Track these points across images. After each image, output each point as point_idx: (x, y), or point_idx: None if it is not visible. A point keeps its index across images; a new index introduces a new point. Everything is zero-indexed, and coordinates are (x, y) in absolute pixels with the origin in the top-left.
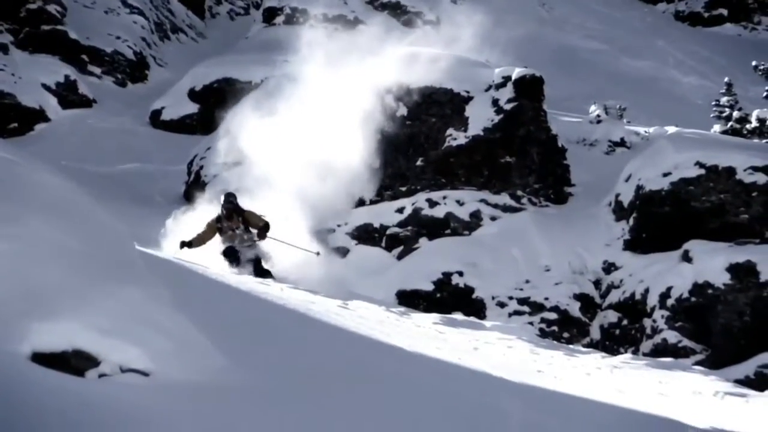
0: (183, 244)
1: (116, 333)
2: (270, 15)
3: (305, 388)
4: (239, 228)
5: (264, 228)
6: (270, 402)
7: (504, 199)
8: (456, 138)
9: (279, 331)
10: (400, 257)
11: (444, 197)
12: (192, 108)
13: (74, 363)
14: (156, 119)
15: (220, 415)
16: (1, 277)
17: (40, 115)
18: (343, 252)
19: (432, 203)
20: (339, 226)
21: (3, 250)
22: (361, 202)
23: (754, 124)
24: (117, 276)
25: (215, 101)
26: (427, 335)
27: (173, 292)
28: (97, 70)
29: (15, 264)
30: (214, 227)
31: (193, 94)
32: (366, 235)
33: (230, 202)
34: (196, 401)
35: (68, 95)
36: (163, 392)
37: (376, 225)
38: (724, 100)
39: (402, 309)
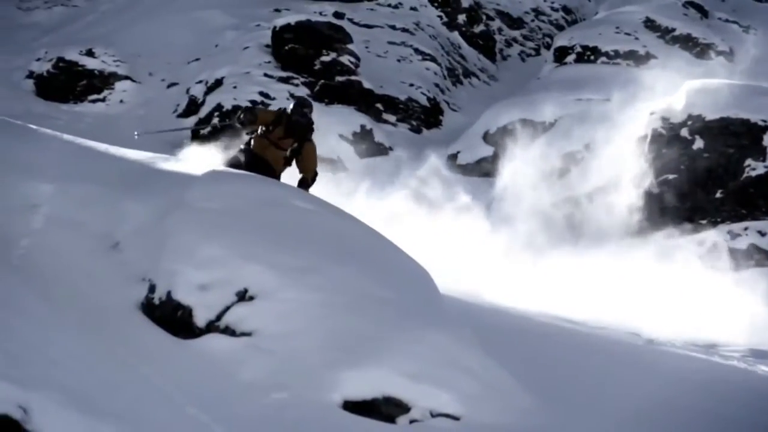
0: (247, 112)
1: (425, 377)
2: (561, 54)
3: (614, 429)
4: (285, 150)
5: (312, 175)
6: None
7: None
8: (755, 168)
9: (583, 370)
10: None
11: (745, 228)
12: (487, 150)
13: (385, 410)
14: (452, 163)
15: None
16: (309, 327)
17: (338, 165)
18: None
19: (733, 235)
20: None
21: (309, 300)
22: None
23: None
24: (422, 320)
25: (510, 143)
26: (737, 370)
27: (477, 334)
28: (392, 118)
29: (321, 314)
30: (269, 119)
31: (487, 137)
32: None
33: (305, 114)
34: None
35: (364, 144)
36: None
37: (676, 260)
38: None
39: (708, 342)
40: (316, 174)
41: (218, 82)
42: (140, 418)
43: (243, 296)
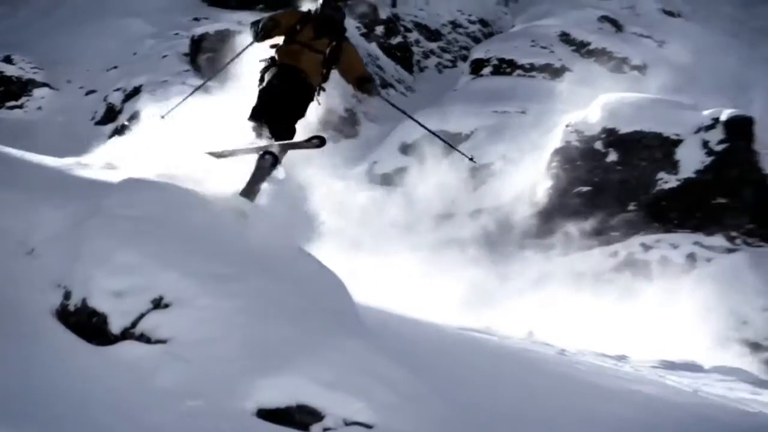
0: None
1: (339, 386)
2: (477, 66)
3: None
4: (322, 53)
5: (367, 79)
6: None
7: (719, 240)
8: (667, 181)
9: (499, 380)
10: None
11: (657, 241)
12: (403, 161)
13: (299, 418)
14: (369, 174)
15: None
16: (225, 335)
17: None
18: None
19: (646, 247)
20: None
21: (225, 308)
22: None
23: None
24: (337, 329)
25: (426, 154)
26: (646, 379)
27: (394, 344)
28: None
29: (238, 321)
30: (293, 21)
31: (403, 148)
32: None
33: (338, 8)
34: None
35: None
36: None
37: (590, 272)
38: None
39: (619, 354)
40: (369, 74)
41: (136, 90)
42: (55, 427)
43: (158, 303)
